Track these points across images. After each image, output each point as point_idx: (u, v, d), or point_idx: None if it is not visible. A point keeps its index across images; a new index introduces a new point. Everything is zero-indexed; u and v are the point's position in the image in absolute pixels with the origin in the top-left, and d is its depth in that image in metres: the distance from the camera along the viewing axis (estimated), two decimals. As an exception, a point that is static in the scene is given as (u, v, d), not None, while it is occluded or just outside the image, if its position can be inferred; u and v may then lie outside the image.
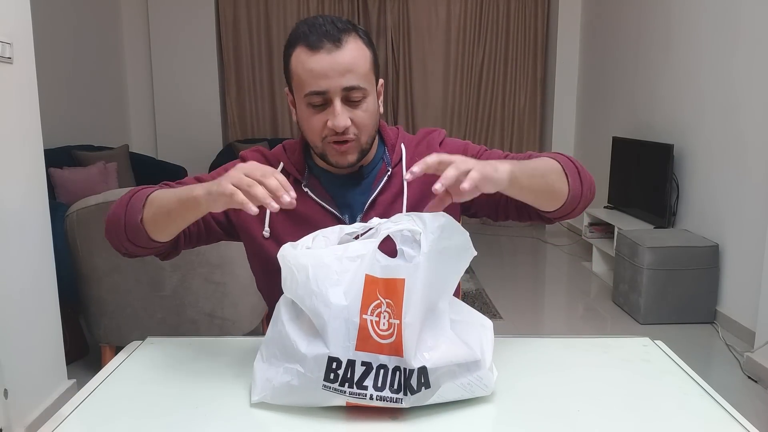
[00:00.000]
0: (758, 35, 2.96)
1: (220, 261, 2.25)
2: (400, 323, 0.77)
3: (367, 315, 0.77)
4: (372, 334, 0.77)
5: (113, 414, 0.81)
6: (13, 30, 1.98)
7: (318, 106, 1.00)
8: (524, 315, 3.44)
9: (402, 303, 0.77)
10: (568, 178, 1.02)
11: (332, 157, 1.04)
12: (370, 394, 0.77)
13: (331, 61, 0.97)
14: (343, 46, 0.98)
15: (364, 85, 1.00)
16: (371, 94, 1.03)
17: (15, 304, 1.97)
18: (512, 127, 5.84)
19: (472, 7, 5.64)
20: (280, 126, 5.73)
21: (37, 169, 2.12)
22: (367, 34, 1.04)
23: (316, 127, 1.02)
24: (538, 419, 0.80)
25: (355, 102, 1.00)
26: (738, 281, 3.09)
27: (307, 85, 0.99)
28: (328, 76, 0.97)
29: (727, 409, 0.82)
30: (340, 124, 0.99)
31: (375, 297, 0.78)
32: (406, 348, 0.76)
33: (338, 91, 0.98)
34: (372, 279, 0.78)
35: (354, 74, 0.98)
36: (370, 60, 1.03)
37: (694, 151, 3.53)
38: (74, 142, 4.22)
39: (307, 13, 5.58)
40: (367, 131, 1.04)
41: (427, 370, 0.77)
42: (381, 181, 1.10)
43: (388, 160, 1.13)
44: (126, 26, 5.40)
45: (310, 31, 0.99)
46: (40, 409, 2.07)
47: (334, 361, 0.77)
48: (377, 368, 0.77)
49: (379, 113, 1.07)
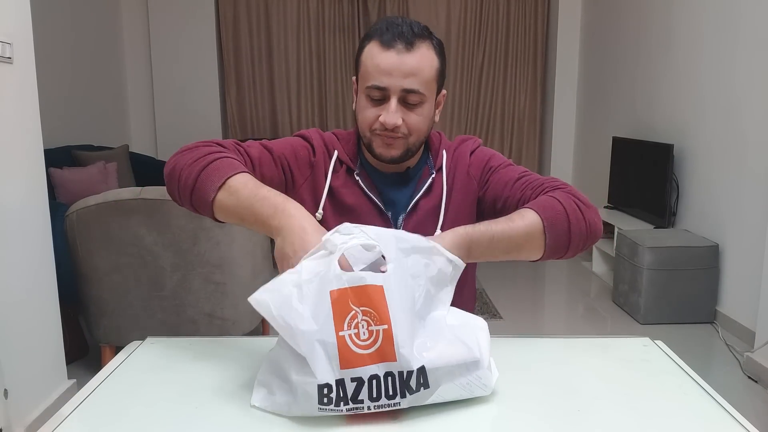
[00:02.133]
0: (758, 35, 2.96)
1: (220, 261, 2.25)
2: (389, 328, 0.76)
3: (344, 331, 0.76)
4: (353, 348, 0.76)
5: (113, 414, 0.81)
6: (13, 30, 1.98)
7: (376, 100, 1.05)
8: (524, 315, 3.44)
9: (387, 309, 0.77)
10: (546, 238, 0.97)
11: (377, 148, 1.08)
12: (367, 406, 0.76)
13: (398, 61, 1.02)
14: (414, 50, 1.02)
15: (423, 91, 1.04)
16: (429, 101, 1.07)
17: (15, 304, 1.97)
18: (512, 127, 5.84)
19: (472, 7, 5.64)
20: (280, 126, 5.73)
21: (37, 169, 2.12)
22: (441, 44, 1.08)
23: (369, 118, 1.07)
24: (538, 419, 0.80)
25: (411, 105, 1.05)
26: (738, 281, 3.09)
27: (371, 78, 1.04)
28: (392, 75, 1.02)
29: (727, 409, 0.82)
30: (390, 122, 1.03)
31: (348, 308, 0.77)
32: (401, 351, 0.76)
33: (398, 90, 1.03)
34: (339, 292, 0.77)
35: (417, 78, 1.03)
36: (436, 68, 1.06)
37: (694, 151, 3.53)
38: (74, 142, 4.21)
39: (308, 13, 5.58)
40: (417, 135, 1.08)
41: (426, 371, 0.77)
42: (424, 184, 1.14)
43: (431, 164, 1.17)
44: (126, 26, 5.40)
45: (388, 29, 1.03)
46: (40, 409, 2.07)
47: (324, 387, 0.76)
48: (369, 380, 0.76)
49: (433, 121, 1.11)
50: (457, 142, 1.21)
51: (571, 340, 1.08)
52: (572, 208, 1.01)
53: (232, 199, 0.94)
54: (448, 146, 1.20)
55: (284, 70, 5.65)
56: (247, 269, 2.35)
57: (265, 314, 0.79)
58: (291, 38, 5.61)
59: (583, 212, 1.01)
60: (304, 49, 5.64)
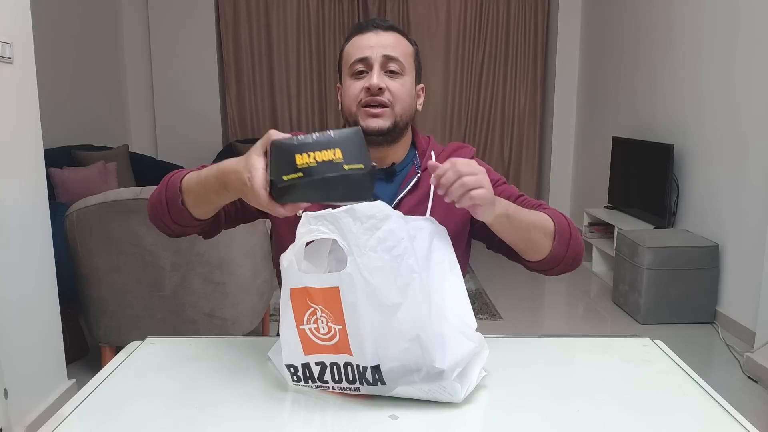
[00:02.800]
0: (758, 35, 2.96)
1: (220, 261, 2.25)
2: (344, 328, 0.79)
3: (303, 325, 0.82)
4: (314, 339, 0.82)
5: (113, 414, 0.81)
6: (13, 30, 1.98)
7: (360, 75, 1.10)
8: (524, 315, 3.44)
9: (341, 311, 0.79)
10: (555, 241, 1.04)
11: (363, 120, 1.10)
12: (332, 386, 0.84)
13: (376, 38, 1.10)
14: (389, 32, 1.11)
15: (403, 61, 1.10)
16: (409, 75, 1.12)
17: (15, 304, 1.97)
18: (512, 127, 5.84)
19: (472, 7, 5.64)
20: (280, 126, 5.72)
21: (37, 169, 2.12)
22: (414, 42, 1.17)
23: (354, 92, 1.10)
24: (538, 419, 0.80)
25: (393, 73, 1.10)
26: (738, 281, 3.09)
27: (352, 56, 1.11)
28: (372, 46, 1.09)
29: (727, 409, 0.82)
30: (375, 82, 1.07)
31: (306, 306, 0.81)
32: (356, 348, 0.79)
33: (378, 57, 1.08)
34: (296, 291, 0.82)
35: (396, 49, 1.10)
36: (412, 51, 1.15)
37: (694, 151, 3.53)
38: (74, 142, 4.21)
39: (308, 13, 5.58)
40: (401, 103, 1.11)
41: (381, 370, 0.79)
42: (410, 182, 1.15)
43: (418, 163, 1.18)
44: (126, 26, 5.40)
45: (364, 23, 1.14)
46: (40, 409, 2.07)
47: (291, 367, 0.85)
48: (330, 365, 0.83)
49: (415, 102, 1.16)
50: (452, 147, 1.22)
51: (571, 340, 1.08)
52: (574, 229, 1.09)
53: (194, 181, 1.00)
54: (437, 149, 1.21)
55: (284, 70, 5.65)
56: (247, 269, 2.35)
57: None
58: (291, 38, 5.61)
59: (578, 238, 1.09)
60: (304, 49, 5.64)
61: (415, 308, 0.79)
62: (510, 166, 5.85)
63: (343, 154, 0.80)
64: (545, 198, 5.79)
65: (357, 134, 0.82)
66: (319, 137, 0.80)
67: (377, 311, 0.78)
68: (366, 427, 0.78)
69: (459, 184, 0.88)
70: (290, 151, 0.80)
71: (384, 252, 0.79)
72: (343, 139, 0.81)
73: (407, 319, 0.79)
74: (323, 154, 0.79)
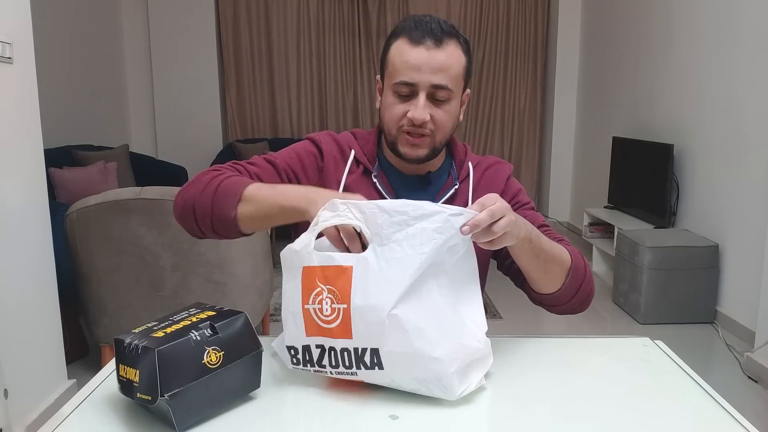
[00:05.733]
0: (758, 35, 2.96)
1: (220, 261, 2.25)
2: (347, 308, 0.80)
3: (308, 305, 0.83)
4: (317, 320, 0.83)
5: (113, 414, 0.81)
6: (13, 30, 1.98)
7: (403, 96, 1.04)
8: (524, 315, 3.44)
9: (349, 290, 0.80)
10: (567, 279, 1.01)
11: (402, 147, 1.07)
12: (329, 370, 0.85)
13: (427, 57, 1.01)
14: (443, 46, 1.02)
15: (452, 87, 1.03)
16: (455, 99, 1.06)
17: (15, 304, 1.97)
18: (512, 127, 5.84)
19: (472, 7, 5.64)
20: (280, 126, 5.73)
21: (37, 169, 2.12)
22: (468, 42, 1.08)
23: (396, 114, 1.05)
24: (538, 419, 0.80)
25: (439, 101, 1.04)
26: (738, 281, 3.09)
27: (399, 75, 1.03)
28: (421, 70, 1.01)
29: (727, 409, 0.82)
30: (419, 117, 1.02)
31: (314, 285, 0.83)
32: (356, 329, 0.80)
33: (427, 86, 1.02)
34: (309, 269, 0.84)
35: (445, 74, 1.02)
36: (463, 66, 1.06)
37: (694, 151, 3.53)
38: (74, 142, 4.21)
39: (308, 12, 5.58)
40: (443, 132, 1.07)
41: (380, 353, 0.80)
42: (446, 193, 1.12)
43: (455, 174, 1.15)
44: (126, 26, 5.40)
45: (416, 26, 1.03)
46: (40, 409, 2.07)
47: (291, 349, 0.87)
48: (329, 349, 0.83)
49: (458, 120, 1.10)
50: (490, 161, 1.19)
51: (571, 340, 1.08)
52: (589, 272, 1.06)
53: (253, 205, 0.96)
54: (474, 160, 1.18)
55: (284, 70, 5.65)
56: (247, 269, 2.35)
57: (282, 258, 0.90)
58: (291, 38, 5.61)
59: (591, 282, 1.06)
60: (304, 49, 5.64)
61: (425, 301, 0.81)
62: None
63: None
64: (545, 197, 5.79)
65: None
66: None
67: (385, 294, 0.79)
68: (366, 427, 0.78)
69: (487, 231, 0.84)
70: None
71: (409, 247, 0.80)
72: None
73: (415, 308, 0.80)
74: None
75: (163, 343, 0.74)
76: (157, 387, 0.72)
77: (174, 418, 0.74)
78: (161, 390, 0.72)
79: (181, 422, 0.74)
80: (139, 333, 0.78)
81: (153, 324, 0.81)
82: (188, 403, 0.75)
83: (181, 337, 0.76)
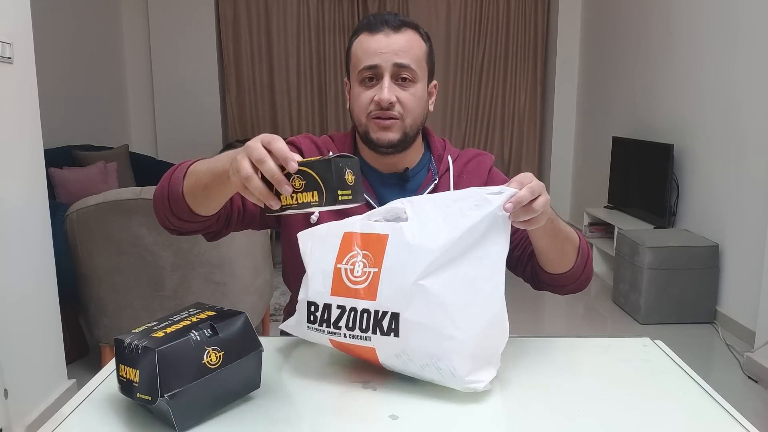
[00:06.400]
0: (758, 35, 2.96)
1: (220, 261, 2.25)
2: (378, 271, 0.83)
3: (341, 264, 0.87)
4: (345, 280, 0.86)
5: (113, 414, 0.81)
6: (13, 30, 1.98)
7: (369, 82, 1.05)
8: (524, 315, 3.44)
9: (383, 255, 0.84)
10: (578, 257, 1.06)
11: (373, 133, 1.07)
12: (344, 333, 0.85)
13: (387, 41, 1.04)
14: (401, 32, 1.04)
15: (414, 68, 1.05)
16: (421, 82, 1.07)
17: (15, 304, 1.97)
18: (512, 127, 5.84)
19: (472, 7, 5.64)
20: (280, 126, 5.73)
21: (37, 169, 2.12)
22: (428, 35, 1.10)
23: (364, 102, 1.06)
24: (538, 419, 0.80)
25: (404, 82, 1.05)
26: (738, 281, 3.09)
27: (362, 62, 1.05)
28: (382, 53, 1.03)
29: (727, 409, 0.82)
30: (385, 97, 1.03)
31: (351, 249, 0.87)
32: (383, 293, 0.82)
33: (389, 66, 1.03)
34: (349, 234, 0.89)
35: (407, 54, 1.04)
36: (425, 51, 1.08)
37: (694, 151, 3.53)
38: (74, 142, 4.22)
39: (308, 13, 5.58)
40: (412, 114, 1.07)
41: (399, 318, 0.81)
42: (426, 188, 1.12)
43: (435, 169, 1.15)
44: (126, 26, 5.40)
45: (374, 19, 1.06)
46: (40, 409, 2.07)
47: (312, 305, 0.88)
48: (349, 310, 0.85)
49: (427, 107, 1.11)
50: (471, 153, 1.18)
51: (572, 340, 1.08)
52: (590, 250, 1.11)
53: (194, 177, 0.94)
54: (454, 153, 1.17)
55: (284, 70, 5.65)
56: (247, 269, 2.35)
57: (302, 238, 0.96)
58: (291, 38, 5.61)
59: (592, 261, 1.11)
60: (304, 49, 5.64)
61: (453, 278, 0.82)
62: (510, 165, 5.85)
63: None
64: (545, 198, 5.78)
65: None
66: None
67: (414, 263, 0.82)
68: (366, 427, 0.78)
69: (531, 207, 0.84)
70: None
71: (444, 223, 0.83)
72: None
73: (443, 282, 0.81)
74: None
75: (163, 343, 0.74)
76: (157, 387, 0.72)
77: (174, 418, 0.74)
78: (161, 390, 0.72)
79: (181, 422, 0.74)
80: (139, 333, 0.78)
81: (153, 324, 0.81)
82: (188, 403, 0.75)
83: (181, 337, 0.76)
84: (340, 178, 0.76)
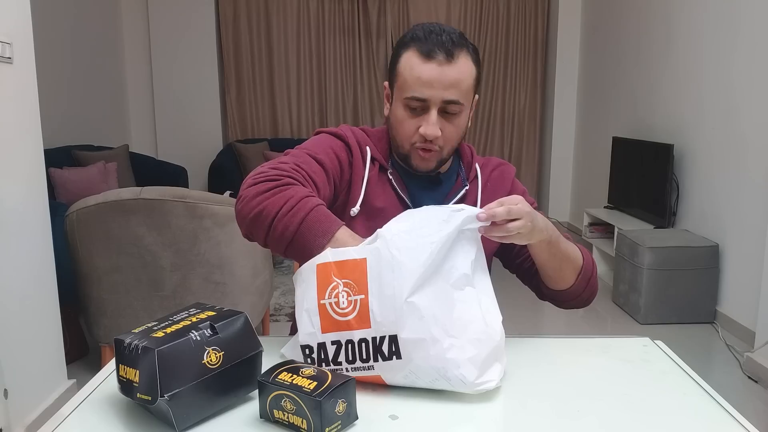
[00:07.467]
0: (758, 35, 2.96)
1: (220, 261, 2.25)
2: (365, 298, 0.83)
3: (324, 300, 0.85)
4: (333, 315, 0.84)
5: (113, 414, 0.81)
6: (13, 30, 1.98)
7: (414, 110, 1.05)
8: (524, 315, 3.44)
9: (366, 280, 0.84)
10: (578, 277, 1.08)
11: (414, 161, 1.10)
12: (345, 368, 0.85)
13: (439, 73, 1.01)
14: (454, 60, 1.02)
15: (462, 101, 1.04)
16: (466, 110, 1.07)
17: (15, 304, 1.97)
18: (512, 127, 5.84)
19: (472, 7, 5.64)
20: (280, 126, 5.73)
21: (37, 169, 2.12)
22: (477, 51, 1.08)
23: (408, 130, 1.07)
24: (538, 419, 0.80)
25: (450, 115, 1.05)
26: (738, 281, 3.09)
27: (411, 90, 1.03)
28: (433, 87, 1.02)
29: (727, 409, 0.82)
30: (431, 133, 1.04)
31: (329, 280, 0.85)
32: (376, 319, 0.82)
33: (438, 102, 1.03)
34: (323, 265, 0.86)
35: (457, 90, 1.03)
36: (474, 77, 1.06)
37: (694, 151, 3.53)
38: (74, 142, 4.22)
39: (308, 13, 5.58)
40: (451, 144, 1.09)
41: (398, 340, 0.81)
42: (456, 194, 1.15)
43: (464, 176, 1.17)
44: (126, 26, 5.40)
45: (426, 37, 1.02)
46: (40, 409, 2.07)
47: (306, 348, 0.86)
48: (345, 344, 0.84)
49: (466, 128, 1.12)
50: (495, 162, 1.21)
51: (571, 340, 1.08)
52: (595, 270, 1.13)
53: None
54: (480, 161, 1.20)
55: (284, 70, 5.65)
56: (247, 269, 2.35)
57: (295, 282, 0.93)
58: (291, 38, 5.61)
59: (596, 279, 1.12)
60: (304, 49, 5.64)
61: (439, 290, 0.84)
62: (510, 166, 5.85)
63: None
64: (545, 197, 5.79)
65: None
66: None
67: (400, 281, 0.82)
68: (366, 427, 0.78)
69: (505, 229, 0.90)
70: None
71: (418, 237, 0.84)
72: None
73: (430, 296, 0.83)
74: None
75: (163, 343, 0.74)
76: (157, 387, 0.72)
77: (174, 418, 0.74)
78: (161, 390, 0.72)
79: (181, 422, 0.74)
80: (139, 333, 0.78)
81: (153, 324, 0.81)
82: (188, 403, 0.75)
83: (181, 337, 0.76)
84: (330, 414, 0.73)
